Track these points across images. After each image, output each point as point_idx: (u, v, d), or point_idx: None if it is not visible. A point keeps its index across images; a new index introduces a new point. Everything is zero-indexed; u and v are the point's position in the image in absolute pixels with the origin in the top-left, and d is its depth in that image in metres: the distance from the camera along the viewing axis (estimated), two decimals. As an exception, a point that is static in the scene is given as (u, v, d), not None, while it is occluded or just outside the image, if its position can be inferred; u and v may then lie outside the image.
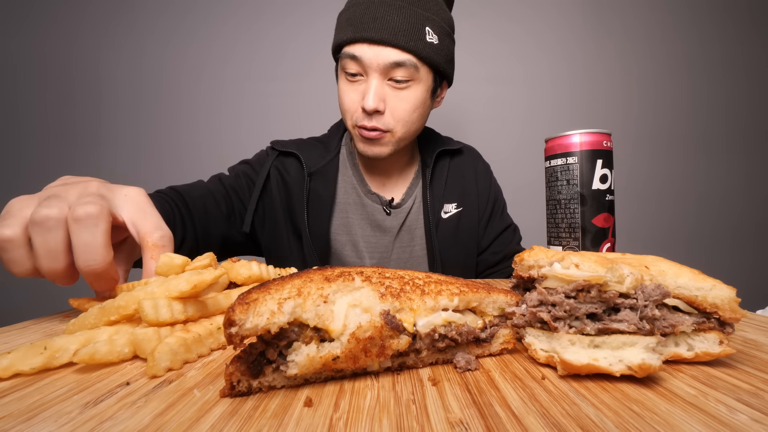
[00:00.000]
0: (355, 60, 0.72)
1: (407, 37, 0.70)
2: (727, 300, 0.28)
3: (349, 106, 0.76)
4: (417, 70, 0.73)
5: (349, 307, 0.27)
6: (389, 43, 0.70)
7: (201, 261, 0.40)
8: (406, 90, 0.74)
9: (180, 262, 0.38)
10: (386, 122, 0.75)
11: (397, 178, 0.90)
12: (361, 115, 0.74)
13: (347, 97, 0.76)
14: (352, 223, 0.86)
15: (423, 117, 0.80)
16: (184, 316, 0.33)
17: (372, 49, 0.71)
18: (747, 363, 0.28)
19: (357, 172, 0.88)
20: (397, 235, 0.87)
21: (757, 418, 0.20)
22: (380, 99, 0.72)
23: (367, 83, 0.73)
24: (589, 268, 0.27)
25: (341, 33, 0.74)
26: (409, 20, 0.71)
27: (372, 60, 0.71)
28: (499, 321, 0.31)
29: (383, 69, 0.72)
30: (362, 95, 0.74)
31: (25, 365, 0.27)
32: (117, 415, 0.21)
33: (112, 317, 0.33)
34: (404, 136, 0.79)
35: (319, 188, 0.83)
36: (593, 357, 0.26)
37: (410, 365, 0.29)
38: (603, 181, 0.54)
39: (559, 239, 0.57)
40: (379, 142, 0.77)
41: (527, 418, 0.20)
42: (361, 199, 0.87)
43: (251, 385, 0.25)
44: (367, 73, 0.73)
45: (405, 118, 0.76)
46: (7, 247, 0.35)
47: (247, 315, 0.24)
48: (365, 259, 0.85)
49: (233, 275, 0.42)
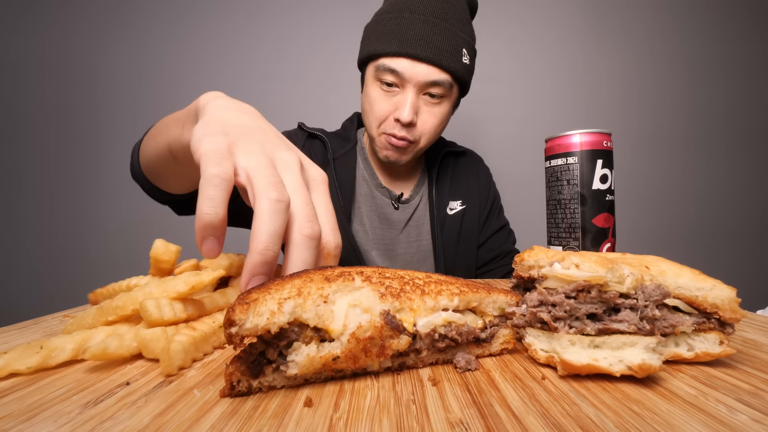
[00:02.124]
0: (394, 73, 0.75)
1: (448, 59, 0.74)
2: (728, 300, 0.28)
3: (380, 114, 0.78)
4: (450, 88, 0.77)
5: (349, 307, 0.27)
6: (432, 62, 0.73)
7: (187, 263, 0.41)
8: (437, 106, 0.78)
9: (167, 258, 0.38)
10: (415, 134, 0.79)
11: (406, 176, 0.95)
12: (392, 124, 0.78)
13: (379, 105, 0.78)
14: (362, 213, 0.90)
15: (444, 129, 0.86)
16: (185, 314, 0.33)
17: (413, 66, 0.73)
18: (747, 363, 0.28)
19: (368, 166, 0.92)
20: (404, 229, 0.91)
21: (757, 418, 0.20)
22: (415, 112, 0.76)
23: (403, 96, 0.76)
24: (590, 269, 0.27)
25: (383, 44, 0.75)
26: (450, 42, 0.74)
27: (412, 76, 0.74)
28: (499, 321, 0.31)
29: (421, 85, 0.75)
30: (395, 106, 0.76)
31: (20, 365, 0.27)
32: (117, 415, 0.21)
33: (110, 317, 0.33)
34: (426, 146, 0.83)
35: (341, 174, 0.87)
36: (593, 357, 0.26)
37: (410, 365, 0.29)
38: (603, 181, 0.54)
39: (560, 239, 0.57)
40: (405, 150, 0.81)
41: (527, 418, 0.20)
42: (372, 192, 0.91)
43: (251, 385, 0.25)
44: (404, 86, 0.75)
45: (432, 131, 0.80)
46: (222, 185, 0.31)
47: (247, 315, 0.24)
48: (371, 249, 0.89)
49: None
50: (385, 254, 0.90)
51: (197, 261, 0.43)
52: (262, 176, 0.31)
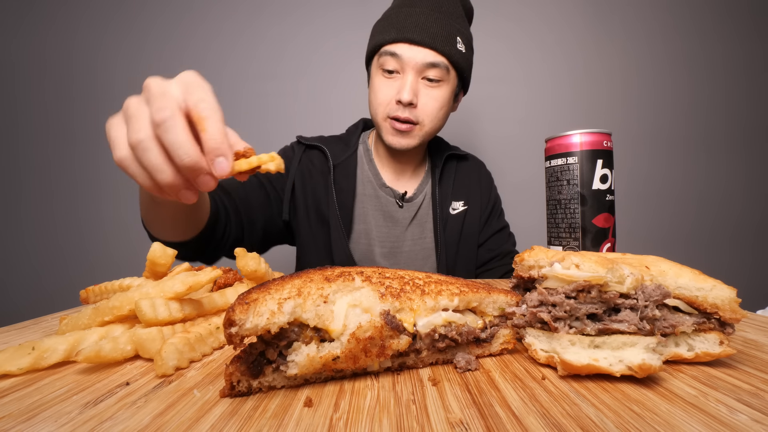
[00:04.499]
0: (394, 57, 0.81)
1: (443, 43, 0.80)
2: (728, 300, 0.28)
3: (383, 99, 0.84)
4: (447, 72, 0.83)
5: (349, 307, 0.26)
6: (428, 45, 0.79)
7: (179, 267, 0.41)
8: (436, 89, 0.83)
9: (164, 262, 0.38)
10: (417, 115, 0.83)
11: (410, 175, 0.98)
12: (395, 107, 0.83)
13: (382, 91, 0.84)
14: (366, 213, 0.93)
15: (446, 116, 0.89)
16: (181, 314, 0.33)
17: (411, 49, 0.80)
18: (747, 363, 0.28)
19: (373, 167, 0.96)
20: (408, 227, 0.94)
21: (757, 418, 0.20)
22: (414, 93, 0.81)
23: (403, 79, 0.81)
24: (590, 269, 0.27)
25: (384, 34, 0.83)
26: (445, 29, 0.81)
27: (411, 58, 0.80)
28: (499, 321, 0.31)
29: (419, 68, 0.81)
30: (397, 90, 0.82)
31: (12, 366, 0.27)
32: (117, 415, 0.21)
33: (105, 318, 0.33)
34: (430, 130, 0.87)
35: (341, 179, 0.91)
36: (593, 357, 0.26)
37: (410, 365, 0.29)
38: (603, 181, 0.54)
39: (560, 239, 0.57)
40: (409, 134, 0.85)
41: (527, 419, 0.20)
42: (376, 192, 0.94)
43: (251, 385, 0.25)
44: (404, 70, 0.81)
45: (433, 113, 0.84)
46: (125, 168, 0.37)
47: (247, 315, 0.24)
48: (375, 246, 0.92)
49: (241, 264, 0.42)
50: (390, 252, 0.93)
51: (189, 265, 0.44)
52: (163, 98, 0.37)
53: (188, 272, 0.37)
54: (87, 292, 0.44)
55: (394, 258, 0.92)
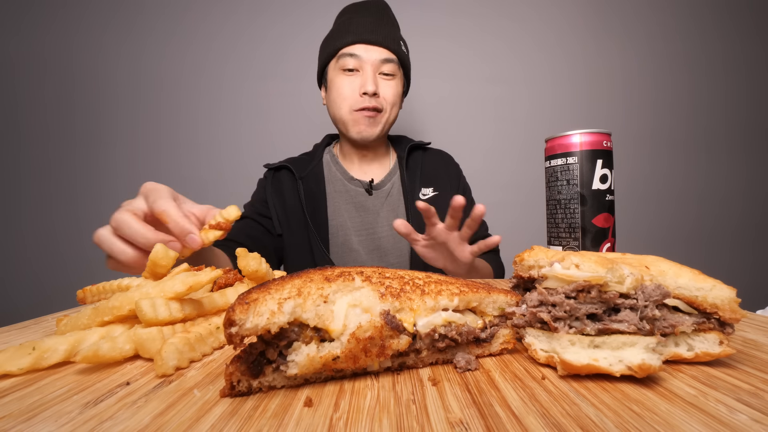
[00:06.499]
0: (354, 57, 0.93)
1: (392, 43, 0.95)
2: (727, 300, 0.28)
3: (347, 95, 0.94)
4: (398, 67, 0.98)
5: (349, 307, 0.27)
6: (381, 44, 0.93)
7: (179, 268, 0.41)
8: (392, 81, 0.97)
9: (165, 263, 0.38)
10: (381, 102, 0.95)
11: (377, 166, 1.07)
12: (359, 100, 0.94)
13: (345, 88, 0.94)
14: (339, 208, 1.02)
15: (399, 106, 1.02)
16: (182, 314, 0.33)
17: (368, 49, 0.93)
18: (747, 363, 0.28)
19: (340, 167, 1.06)
20: (381, 212, 1.02)
21: (757, 418, 0.20)
22: (376, 85, 0.93)
23: (363, 75, 0.93)
24: (590, 269, 0.27)
25: (340, 40, 0.94)
26: (391, 33, 0.97)
27: (368, 57, 0.93)
28: (499, 321, 0.31)
29: (376, 64, 0.94)
30: (360, 84, 0.93)
31: (12, 366, 0.27)
32: (117, 415, 0.21)
33: (105, 318, 0.33)
34: (390, 118, 0.99)
35: (311, 187, 1.02)
36: (593, 357, 0.26)
37: (410, 365, 0.29)
38: (603, 181, 0.54)
39: (559, 239, 0.57)
40: (375, 121, 0.96)
41: (527, 418, 0.20)
42: (345, 186, 1.03)
43: (251, 385, 0.25)
44: (363, 68, 0.93)
45: (393, 100, 0.98)
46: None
47: (247, 315, 0.24)
48: (352, 236, 1.01)
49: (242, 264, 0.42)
50: (368, 239, 1.01)
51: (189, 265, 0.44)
52: None
53: (188, 272, 0.37)
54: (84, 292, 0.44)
55: (373, 243, 1.00)
